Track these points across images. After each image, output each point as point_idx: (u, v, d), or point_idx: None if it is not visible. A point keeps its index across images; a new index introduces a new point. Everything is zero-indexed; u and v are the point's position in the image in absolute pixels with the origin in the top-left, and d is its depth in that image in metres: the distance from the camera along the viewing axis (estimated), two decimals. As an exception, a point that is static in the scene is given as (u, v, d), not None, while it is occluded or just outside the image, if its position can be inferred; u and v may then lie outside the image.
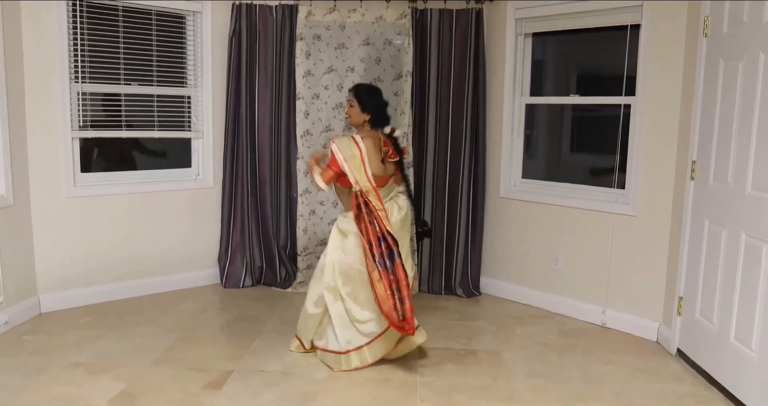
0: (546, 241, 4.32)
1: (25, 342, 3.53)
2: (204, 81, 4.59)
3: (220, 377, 3.12)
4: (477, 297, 4.62)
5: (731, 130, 3.02)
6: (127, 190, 4.34)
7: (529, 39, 4.45)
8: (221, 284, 4.74)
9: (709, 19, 3.27)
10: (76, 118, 4.10)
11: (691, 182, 3.42)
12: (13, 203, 3.73)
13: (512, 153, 4.53)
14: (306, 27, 4.48)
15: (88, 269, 4.21)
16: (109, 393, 2.91)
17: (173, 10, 4.43)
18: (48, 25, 3.88)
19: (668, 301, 3.68)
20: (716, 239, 3.15)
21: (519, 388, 3.09)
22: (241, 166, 4.63)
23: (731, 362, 2.98)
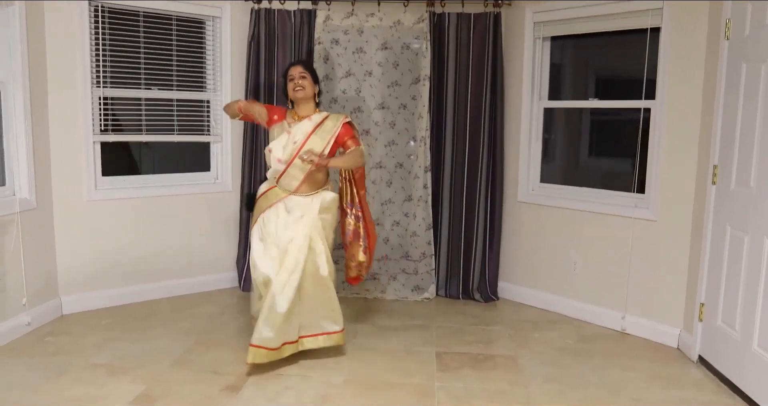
0: (564, 245, 4.29)
1: (47, 343, 3.58)
2: (223, 85, 4.63)
3: (238, 380, 3.14)
4: (495, 302, 4.60)
5: (754, 133, 2.98)
6: (147, 194, 4.38)
7: (547, 42, 4.43)
8: (239, 287, 4.77)
9: (731, 22, 3.23)
10: (98, 123, 4.16)
11: (712, 187, 3.38)
12: (36, 205, 3.78)
13: (530, 157, 4.51)
14: (324, 31, 4.50)
15: (109, 272, 4.25)
16: (128, 395, 2.94)
17: (193, 16, 4.47)
18: (71, 30, 3.94)
19: (689, 307, 3.63)
20: (738, 244, 3.11)
21: (536, 393, 3.06)
22: (259, 170, 4.65)
23: (754, 370, 2.93)
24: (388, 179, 4.64)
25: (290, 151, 3.27)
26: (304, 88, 3.35)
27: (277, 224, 3.28)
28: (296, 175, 3.29)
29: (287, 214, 3.30)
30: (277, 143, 3.29)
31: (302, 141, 3.28)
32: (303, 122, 3.33)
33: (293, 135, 3.29)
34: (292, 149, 3.27)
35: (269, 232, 3.27)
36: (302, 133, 3.30)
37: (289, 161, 3.26)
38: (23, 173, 3.71)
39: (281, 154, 3.27)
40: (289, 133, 3.30)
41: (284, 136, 3.30)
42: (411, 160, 4.59)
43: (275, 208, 3.31)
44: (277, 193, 3.34)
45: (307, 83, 3.36)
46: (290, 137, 3.29)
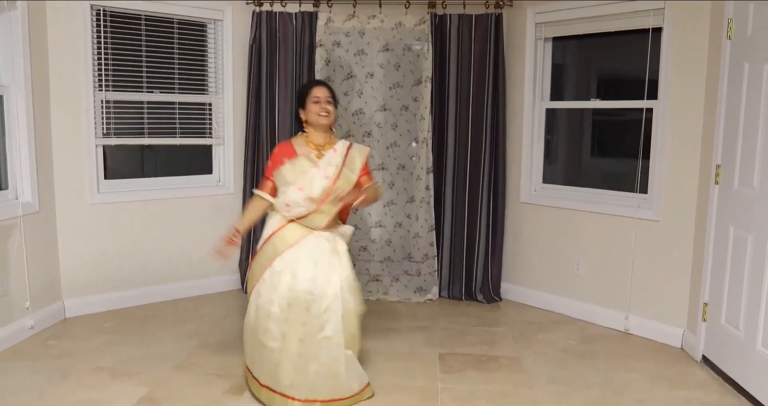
0: (567, 246, 4.29)
1: (50, 347, 3.58)
2: (225, 88, 4.63)
3: (241, 382, 3.13)
4: (498, 303, 4.59)
5: (757, 133, 2.98)
6: (149, 197, 4.38)
7: (549, 43, 4.43)
8: (242, 289, 4.77)
9: (733, 22, 3.22)
10: (100, 126, 4.16)
11: (715, 187, 3.37)
12: (38, 209, 3.79)
13: (532, 158, 4.50)
14: (326, 34, 4.51)
15: (112, 275, 4.26)
16: (131, 398, 2.93)
17: (195, 19, 4.48)
18: (73, 34, 3.95)
19: (693, 307, 3.63)
20: (742, 244, 3.10)
21: (540, 394, 3.06)
22: (261, 172, 4.66)
23: (759, 370, 2.92)
24: (390, 181, 4.64)
25: (322, 188, 2.86)
26: (329, 115, 2.97)
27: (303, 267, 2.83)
28: (329, 213, 2.89)
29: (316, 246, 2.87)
30: (306, 181, 2.86)
31: (335, 175, 2.89)
32: (329, 154, 2.94)
33: (323, 169, 2.88)
34: (326, 186, 2.86)
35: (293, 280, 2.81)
36: (333, 167, 2.90)
37: (323, 199, 2.85)
38: (26, 177, 3.72)
39: (313, 192, 2.84)
40: (318, 167, 2.89)
41: (313, 172, 2.87)
42: (413, 161, 4.59)
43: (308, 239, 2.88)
44: (300, 228, 2.89)
45: (332, 109, 2.99)
46: (319, 171, 2.87)
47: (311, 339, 2.77)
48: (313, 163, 2.90)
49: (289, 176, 2.88)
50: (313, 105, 2.96)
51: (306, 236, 2.87)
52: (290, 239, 2.86)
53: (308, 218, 2.89)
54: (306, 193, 2.84)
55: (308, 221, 2.89)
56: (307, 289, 2.78)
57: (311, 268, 2.81)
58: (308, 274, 2.80)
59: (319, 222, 2.89)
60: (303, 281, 2.79)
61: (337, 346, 2.80)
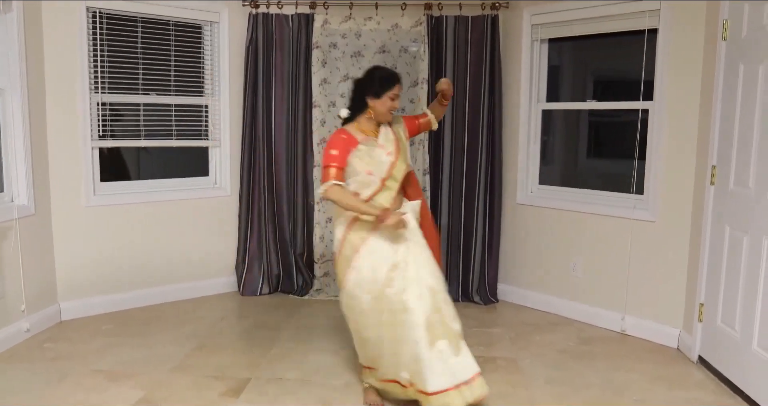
0: (564, 247, 4.29)
1: (46, 349, 3.57)
2: (221, 90, 4.63)
3: (238, 384, 3.13)
4: (494, 304, 4.59)
5: (752, 133, 2.99)
6: (145, 199, 4.38)
7: (545, 44, 4.44)
8: (239, 291, 4.76)
9: (728, 23, 3.24)
10: (96, 128, 4.16)
11: (711, 187, 3.38)
12: (34, 211, 3.78)
13: (529, 159, 4.51)
14: (322, 35, 4.51)
15: (108, 277, 4.25)
16: (129, 400, 2.93)
17: (191, 21, 4.48)
18: (69, 36, 3.94)
19: (689, 307, 3.63)
20: (737, 244, 3.11)
21: (538, 395, 3.06)
22: (258, 174, 4.66)
23: (755, 370, 2.93)
24: (386, 182, 4.63)
25: (388, 163, 2.88)
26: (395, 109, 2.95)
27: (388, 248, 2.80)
28: (393, 188, 2.90)
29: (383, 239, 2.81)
30: (375, 163, 2.86)
31: (395, 150, 2.91)
32: (384, 132, 2.94)
33: (386, 146, 2.90)
34: (390, 161, 2.89)
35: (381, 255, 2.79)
36: (391, 143, 2.92)
37: (387, 175, 2.86)
38: (22, 180, 3.71)
39: (382, 171, 2.86)
40: (382, 146, 2.89)
41: (378, 152, 2.87)
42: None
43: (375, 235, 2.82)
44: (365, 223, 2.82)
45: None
46: (383, 150, 2.89)
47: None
48: (377, 145, 2.87)
49: (359, 165, 2.84)
50: (389, 101, 2.88)
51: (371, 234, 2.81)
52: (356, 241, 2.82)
53: (375, 199, 2.85)
54: (377, 175, 2.84)
55: (375, 202, 2.85)
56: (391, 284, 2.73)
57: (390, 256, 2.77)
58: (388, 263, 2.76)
59: (389, 202, 2.87)
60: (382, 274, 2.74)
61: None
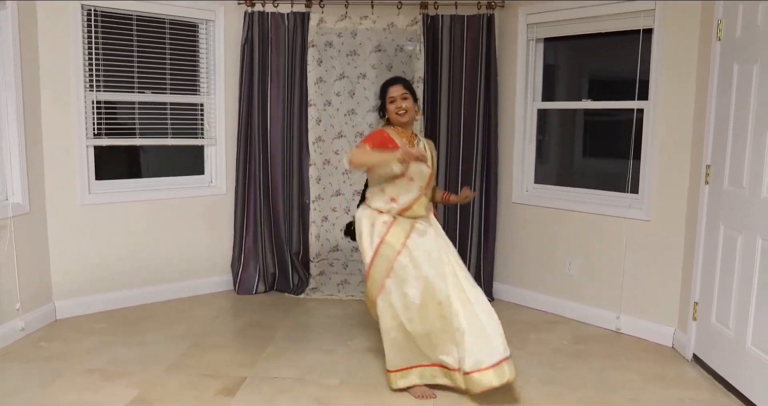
0: (559, 246, 4.30)
1: (41, 348, 3.56)
2: (217, 89, 4.62)
3: (233, 383, 3.13)
4: (490, 303, 4.59)
5: (746, 133, 3.00)
6: (140, 198, 4.37)
7: (540, 44, 4.45)
8: (234, 290, 4.76)
9: (723, 23, 3.25)
10: (91, 127, 4.14)
11: (705, 187, 3.39)
12: (29, 210, 3.77)
13: (524, 158, 4.52)
14: (318, 34, 4.51)
15: (103, 276, 4.24)
16: (123, 399, 2.92)
17: (186, 19, 4.47)
18: (63, 34, 3.93)
19: (683, 306, 3.65)
20: (732, 243, 3.12)
21: (533, 394, 3.07)
22: (253, 173, 4.65)
23: (749, 368, 2.94)
24: (382, 181, 4.63)
25: (428, 175, 3.06)
26: (407, 112, 3.05)
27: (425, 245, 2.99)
28: (429, 197, 3.14)
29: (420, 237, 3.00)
30: (415, 170, 2.99)
31: (432, 163, 3.09)
32: (420, 144, 3.11)
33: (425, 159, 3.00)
34: (429, 173, 3.07)
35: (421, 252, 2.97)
36: (429, 159, 3.08)
37: (425, 186, 3.06)
38: (16, 178, 3.69)
39: (422, 180, 3.04)
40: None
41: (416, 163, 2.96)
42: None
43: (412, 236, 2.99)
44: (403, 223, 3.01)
45: (409, 105, 3.06)
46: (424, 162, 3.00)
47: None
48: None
49: (398, 168, 2.95)
50: (389, 105, 3.07)
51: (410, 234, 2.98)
52: (397, 243, 2.96)
53: (413, 208, 3.04)
54: (417, 183, 3.02)
55: (413, 211, 3.04)
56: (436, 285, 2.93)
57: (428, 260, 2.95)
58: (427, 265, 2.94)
59: (423, 209, 3.08)
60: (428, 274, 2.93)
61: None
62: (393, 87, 3.08)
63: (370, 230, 3.02)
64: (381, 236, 2.98)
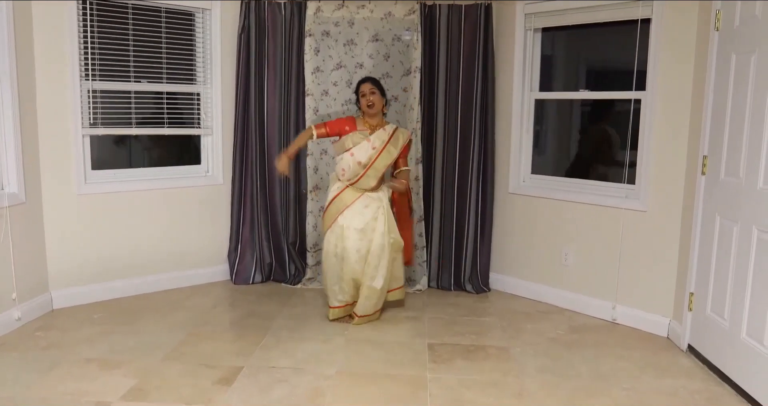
0: (555, 236, 4.31)
1: (38, 338, 3.56)
2: (213, 78, 4.60)
3: (230, 372, 3.14)
4: (486, 293, 4.61)
5: (743, 124, 3.00)
6: (137, 187, 4.36)
7: (538, 34, 4.43)
8: (231, 280, 4.76)
9: (721, 13, 3.24)
10: (87, 116, 4.13)
11: (702, 177, 3.40)
12: (25, 200, 3.76)
13: (521, 148, 4.51)
14: (315, 23, 4.49)
15: (100, 266, 4.24)
16: (120, 388, 2.93)
17: (182, 8, 4.44)
18: (59, 23, 3.90)
19: (679, 297, 3.66)
20: (728, 234, 3.13)
21: (528, 384, 3.08)
22: (250, 162, 4.65)
23: (743, 358, 2.96)
24: (379, 172, 4.63)
25: (369, 156, 3.80)
26: (374, 104, 3.84)
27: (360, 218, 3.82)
28: (374, 176, 3.86)
29: (365, 208, 3.83)
30: (359, 149, 3.79)
31: (380, 148, 3.81)
32: (379, 132, 3.85)
33: (372, 142, 3.81)
34: (372, 154, 3.80)
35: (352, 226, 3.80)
36: (380, 141, 3.82)
37: (369, 165, 3.79)
38: (12, 168, 3.68)
39: (363, 158, 3.79)
40: (369, 140, 3.80)
41: (365, 143, 3.80)
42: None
43: (353, 206, 3.83)
44: (352, 193, 3.85)
45: (376, 99, 3.84)
46: (370, 144, 3.80)
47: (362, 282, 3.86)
48: (365, 137, 3.83)
49: (347, 143, 3.82)
50: (361, 98, 3.88)
51: (358, 198, 3.84)
52: (347, 200, 3.84)
53: (360, 181, 3.84)
54: (356, 158, 3.79)
55: (360, 184, 3.85)
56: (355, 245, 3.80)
57: (361, 222, 3.81)
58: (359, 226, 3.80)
59: (367, 184, 3.85)
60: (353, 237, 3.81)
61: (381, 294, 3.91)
62: (363, 84, 3.89)
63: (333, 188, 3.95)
64: (332, 197, 3.89)
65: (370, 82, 3.90)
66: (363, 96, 3.86)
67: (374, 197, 3.87)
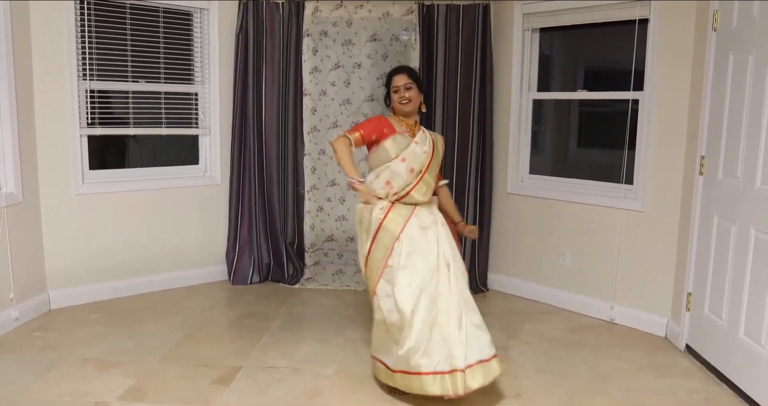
0: (553, 237, 4.31)
1: (35, 338, 3.55)
2: (211, 78, 4.60)
3: (228, 373, 3.13)
4: (485, 293, 4.61)
5: (741, 124, 3.00)
6: (135, 187, 4.35)
7: (536, 34, 4.43)
8: (229, 280, 4.76)
9: (719, 13, 3.24)
10: (85, 116, 4.12)
11: (699, 177, 3.40)
12: (22, 200, 3.75)
13: (519, 149, 4.52)
14: (313, 23, 4.48)
15: (97, 266, 4.23)
16: (118, 389, 2.92)
17: (180, 7, 4.43)
18: (56, 23, 3.89)
19: (677, 297, 3.67)
20: (725, 234, 3.13)
21: (527, 384, 3.08)
22: (248, 162, 4.64)
23: (741, 358, 2.96)
24: (377, 172, 4.63)
25: (424, 160, 2.99)
26: (411, 101, 3.03)
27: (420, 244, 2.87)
28: (429, 185, 3.04)
29: (424, 231, 2.91)
30: (410, 154, 2.96)
31: (431, 152, 3.02)
32: (420, 134, 3.04)
33: (420, 145, 3.01)
34: (425, 158, 3.00)
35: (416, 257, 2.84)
36: (427, 144, 3.03)
37: (424, 170, 2.98)
38: (9, 167, 3.67)
39: (416, 164, 2.96)
40: (417, 143, 3.00)
41: (413, 147, 2.98)
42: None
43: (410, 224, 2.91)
44: (401, 209, 2.95)
45: (414, 95, 3.04)
46: (418, 146, 2.99)
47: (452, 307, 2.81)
48: (412, 141, 3.00)
49: (393, 150, 2.96)
50: (393, 94, 3.06)
51: (407, 221, 2.91)
52: (395, 228, 2.88)
53: (411, 194, 2.97)
54: (409, 164, 2.94)
55: (411, 197, 2.97)
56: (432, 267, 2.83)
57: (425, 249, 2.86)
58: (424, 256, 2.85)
59: (422, 195, 3.00)
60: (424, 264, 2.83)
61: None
62: (397, 76, 3.06)
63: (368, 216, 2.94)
64: (378, 222, 2.89)
65: (407, 73, 3.06)
66: (396, 92, 3.04)
67: (431, 215, 3.02)
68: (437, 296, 2.80)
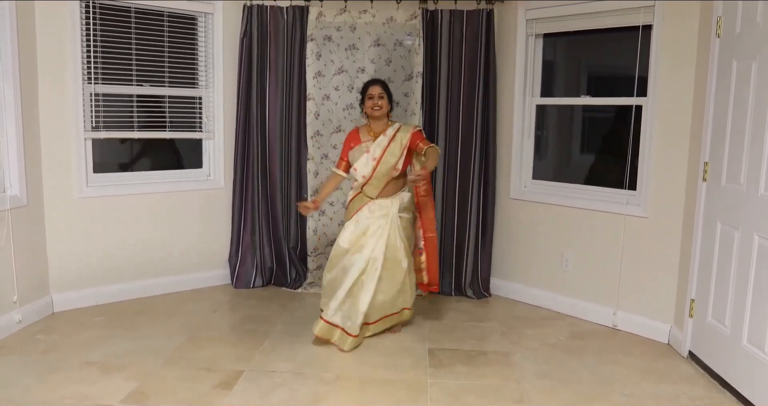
0: (556, 242, 4.31)
1: (38, 341, 3.56)
2: (215, 82, 4.61)
3: (230, 377, 3.13)
4: (487, 298, 4.61)
5: (744, 130, 3.00)
6: (138, 191, 4.36)
7: (540, 40, 4.44)
8: (232, 284, 4.76)
9: (722, 20, 3.25)
10: (89, 119, 4.13)
11: (703, 183, 3.40)
12: (26, 203, 3.76)
13: (522, 154, 4.52)
14: (317, 28, 4.50)
15: (100, 269, 4.24)
16: (120, 392, 2.93)
17: (185, 12, 4.45)
18: (61, 26, 3.91)
19: (680, 303, 3.66)
20: (729, 240, 3.13)
21: (529, 389, 3.08)
22: (251, 166, 4.65)
23: (744, 365, 2.95)
24: (380, 176, 4.63)
25: (371, 167, 3.66)
26: (381, 108, 3.67)
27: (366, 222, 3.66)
28: (377, 185, 3.70)
29: (370, 213, 3.66)
30: (360, 163, 3.68)
31: (380, 155, 3.64)
32: (380, 139, 3.67)
33: (372, 152, 3.66)
34: (372, 165, 3.65)
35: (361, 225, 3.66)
36: (380, 149, 3.65)
37: (370, 175, 3.66)
38: (14, 170, 3.69)
39: (365, 171, 3.67)
40: (369, 151, 3.66)
41: (365, 156, 3.67)
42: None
43: (363, 210, 3.69)
44: (362, 198, 3.72)
45: (384, 103, 3.68)
46: (369, 155, 3.66)
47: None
48: (366, 150, 3.69)
49: (353, 159, 3.73)
50: (367, 101, 3.69)
51: (360, 209, 3.69)
52: (352, 209, 3.74)
53: (364, 190, 3.73)
54: (360, 172, 3.70)
55: (365, 192, 3.73)
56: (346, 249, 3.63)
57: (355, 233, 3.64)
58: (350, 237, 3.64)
59: (371, 192, 3.70)
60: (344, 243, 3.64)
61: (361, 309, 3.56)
62: (373, 87, 3.71)
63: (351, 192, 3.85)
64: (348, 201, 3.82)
65: (380, 85, 3.72)
66: (370, 98, 3.66)
67: (383, 205, 3.69)
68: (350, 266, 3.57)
